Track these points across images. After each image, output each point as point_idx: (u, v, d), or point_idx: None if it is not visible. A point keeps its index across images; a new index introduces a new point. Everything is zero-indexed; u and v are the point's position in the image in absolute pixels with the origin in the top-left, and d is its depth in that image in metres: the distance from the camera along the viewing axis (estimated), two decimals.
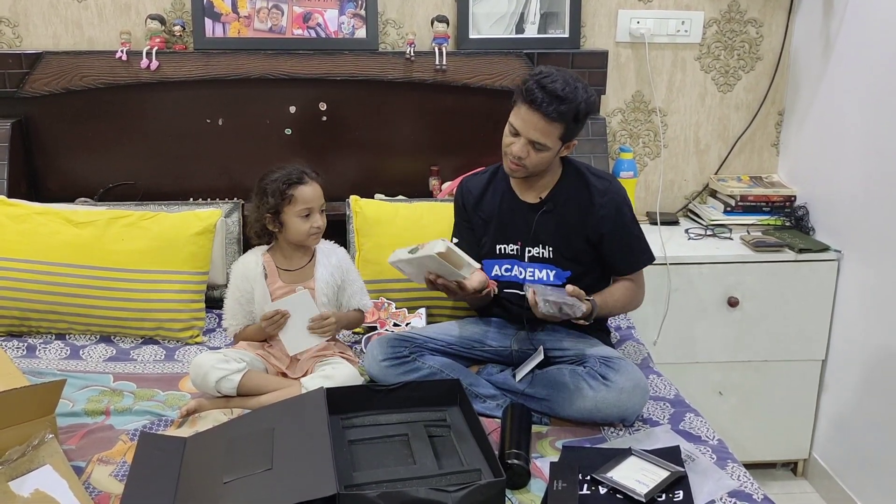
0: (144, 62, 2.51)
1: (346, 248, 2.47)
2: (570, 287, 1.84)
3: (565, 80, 1.84)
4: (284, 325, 1.91)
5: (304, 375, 1.94)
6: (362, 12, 2.59)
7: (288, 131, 2.66)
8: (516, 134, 1.89)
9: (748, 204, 2.78)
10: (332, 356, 1.98)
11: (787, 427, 2.76)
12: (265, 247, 2.05)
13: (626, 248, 2.01)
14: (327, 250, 2.06)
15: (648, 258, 2.06)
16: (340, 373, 1.88)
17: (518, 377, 1.91)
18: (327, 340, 1.99)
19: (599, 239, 1.99)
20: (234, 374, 1.87)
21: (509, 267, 2.04)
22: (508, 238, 2.04)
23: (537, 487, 1.60)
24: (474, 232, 2.11)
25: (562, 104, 1.82)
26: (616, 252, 2.01)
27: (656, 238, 2.61)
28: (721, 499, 1.57)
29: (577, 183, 2.00)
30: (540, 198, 2.00)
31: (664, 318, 2.61)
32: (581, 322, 1.88)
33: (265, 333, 1.96)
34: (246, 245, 2.46)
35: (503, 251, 2.05)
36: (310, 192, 1.95)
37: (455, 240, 2.13)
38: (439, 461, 1.58)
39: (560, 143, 1.89)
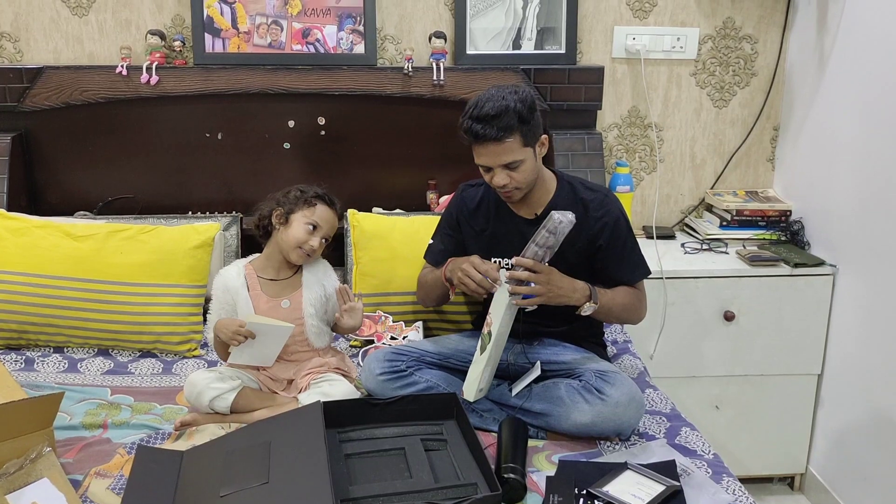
0: (144, 77, 2.53)
1: (343, 261, 2.49)
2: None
3: (489, 98, 1.84)
4: (244, 341, 1.85)
5: (300, 392, 1.91)
6: (361, 28, 2.61)
7: (287, 146, 2.67)
8: (488, 169, 1.91)
9: (744, 218, 2.79)
10: (328, 372, 1.95)
11: (784, 441, 2.76)
12: (248, 258, 2.01)
13: (623, 259, 2.01)
14: (311, 262, 2.01)
15: (645, 271, 2.06)
16: (337, 390, 1.86)
17: (514, 392, 1.91)
18: (321, 354, 1.99)
19: (596, 251, 1.99)
20: (229, 393, 1.86)
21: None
22: (503, 252, 2.04)
23: (533, 501, 1.61)
24: (456, 240, 2.12)
25: (500, 120, 1.81)
26: (613, 264, 2.00)
27: (652, 252, 2.62)
28: None
29: (572, 197, 2.01)
30: (535, 214, 2.01)
31: (660, 333, 2.62)
32: (584, 308, 1.88)
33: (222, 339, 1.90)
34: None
35: (498, 265, 2.06)
36: (328, 213, 1.96)
37: (431, 241, 2.17)
38: (435, 475, 1.59)
39: (530, 149, 1.89)
